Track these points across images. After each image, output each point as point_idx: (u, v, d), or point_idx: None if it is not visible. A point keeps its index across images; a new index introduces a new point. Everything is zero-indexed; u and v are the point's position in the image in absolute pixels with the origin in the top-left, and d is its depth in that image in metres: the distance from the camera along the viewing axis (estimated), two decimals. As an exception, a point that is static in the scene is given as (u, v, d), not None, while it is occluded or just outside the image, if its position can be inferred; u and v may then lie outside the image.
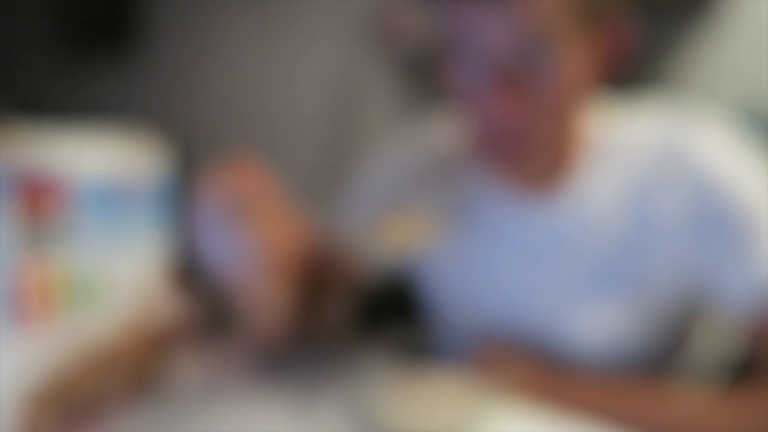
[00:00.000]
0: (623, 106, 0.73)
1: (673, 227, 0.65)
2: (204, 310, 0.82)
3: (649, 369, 0.69)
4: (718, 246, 0.64)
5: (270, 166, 0.60)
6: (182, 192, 0.55)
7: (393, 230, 0.66)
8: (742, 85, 1.69)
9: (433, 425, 0.56)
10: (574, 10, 0.58)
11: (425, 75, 2.08)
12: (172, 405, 0.63)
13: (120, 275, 0.59)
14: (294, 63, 2.43)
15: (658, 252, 0.66)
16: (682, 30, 1.76)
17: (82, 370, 0.57)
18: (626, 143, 0.68)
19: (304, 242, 0.58)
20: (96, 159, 0.56)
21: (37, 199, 0.51)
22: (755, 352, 0.64)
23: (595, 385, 0.63)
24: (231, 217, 0.52)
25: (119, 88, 2.84)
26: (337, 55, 2.32)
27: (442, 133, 0.81)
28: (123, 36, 2.79)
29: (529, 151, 0.63)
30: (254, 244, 0.52)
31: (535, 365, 0.65)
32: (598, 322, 0.67)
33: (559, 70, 0.58)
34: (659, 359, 0.70)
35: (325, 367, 0.72)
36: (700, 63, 1.74)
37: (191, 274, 0.77)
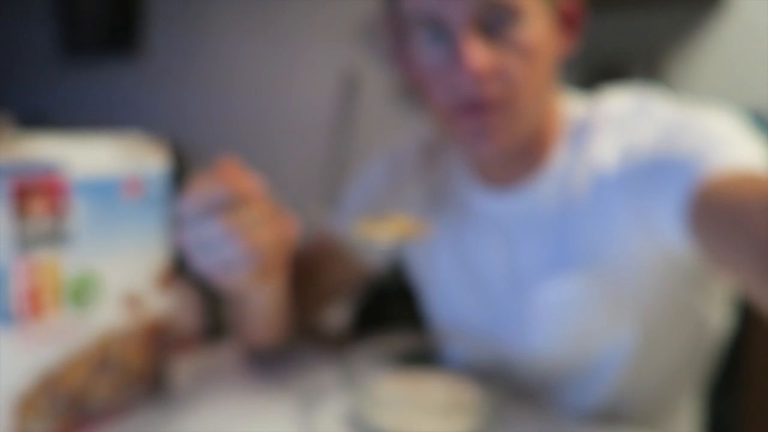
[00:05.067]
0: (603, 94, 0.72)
1: (611, 174, 0.63)
2: (202, 310, 0.82)
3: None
4: (655, 177, 0.59)
5: (269, 167, 0.60)
6: (182, 192, 0.54)
7: (385, 224, 0.66)
8: (741, 85, 1.68)
9: (431, 428, 0.56)
10: None
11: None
12: (170, 405, 0.63)
13: (117, 276, 0.59)
14: (293, 64, 2.44)
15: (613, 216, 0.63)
16: (682, 29, 1.76)
17: (79, 370, 0.57)
18: (596, 120, 0.67)
19: (291, 235, 0.57)
20: (94, 160, 0.56)
21: (35, 199, 0.51)
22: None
23: None
24: (216, 210, 0.52)
25: (120, 91, 2.85)
26: (337, 56, 2.32)
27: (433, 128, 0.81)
28: (124, 40, 2.79)
29: (501, 110, 0.61)
30: (239, 236, 0.52)
31: None
32: (567, 299, 0.65)
33: (525, 32, 0.59)
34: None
35: (324, 368, 0.72)
36: (700, 63, 1.74)
37: (190, 274, 0.77)
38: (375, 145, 2.20)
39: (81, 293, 0.55)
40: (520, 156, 0.68)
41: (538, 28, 0.60)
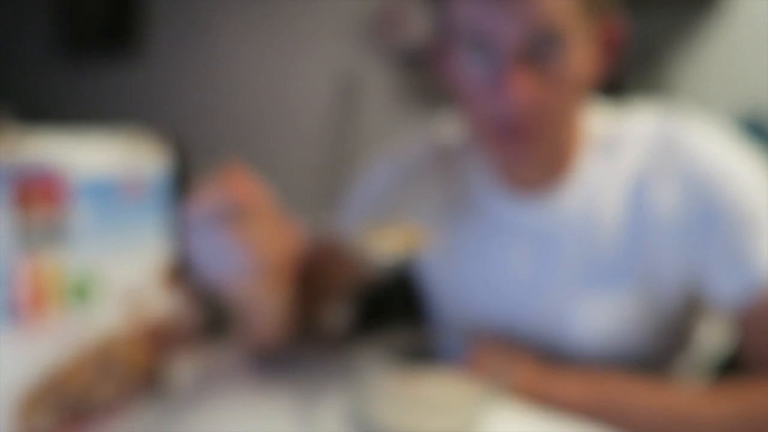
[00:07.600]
0: (621, 105, 0.73)
1: (669, 219, 0.66)
2: (202, 309, 0.82)
3: (650, 364, 0.69)
4: (710, 238, 0.64)
5: (269, 166, 0.61)
6: (181, 192, 0.54)
7: (391, 232, 0.66)
8: (741, 85, 1.68)
9: (432, 426, 0.56)
10: (579, 6, 0.60)
11: (426, 71, 2.08)
12: (170, 405, 0.63)
13: (118, 275, 0.59)
14: (293, 63, 2.43)
15: (656, 244, 0.66)
16: (681, 30, 1.76)
17: (80, 369, 0.57)
18: (623, 137, 0.70)
19: (297, 245, 0.58)
20: (95, 159, 0.56)
21: (36, 198, 0.51)
22: (747, 346, 0.64)
23: (588, 382, 0.63)
24: (223, 221, 0.52)
25: (119, 88, 2.85)
26: (338, 55, 2.32)
27: (443, 129, 0.81)
28: (123, 37, 2.79)
29: (535, 139, 0.63)
30: (246, 248, 0.52)
31: (528, 362, 0.65)
32: (599, 315, 0.67)
33: (567, 61, 0.60)
34: (660, 354, 0.70)
35: (324, 368, 0.72)
36: (700, 63, 1.74)
37: (189, 273, 0.77)
38: (376, 144, 2.20)
39: (81, 293, 0.55)
40: (546, 168, 0.70)
41: (580, 54, 0.61)
